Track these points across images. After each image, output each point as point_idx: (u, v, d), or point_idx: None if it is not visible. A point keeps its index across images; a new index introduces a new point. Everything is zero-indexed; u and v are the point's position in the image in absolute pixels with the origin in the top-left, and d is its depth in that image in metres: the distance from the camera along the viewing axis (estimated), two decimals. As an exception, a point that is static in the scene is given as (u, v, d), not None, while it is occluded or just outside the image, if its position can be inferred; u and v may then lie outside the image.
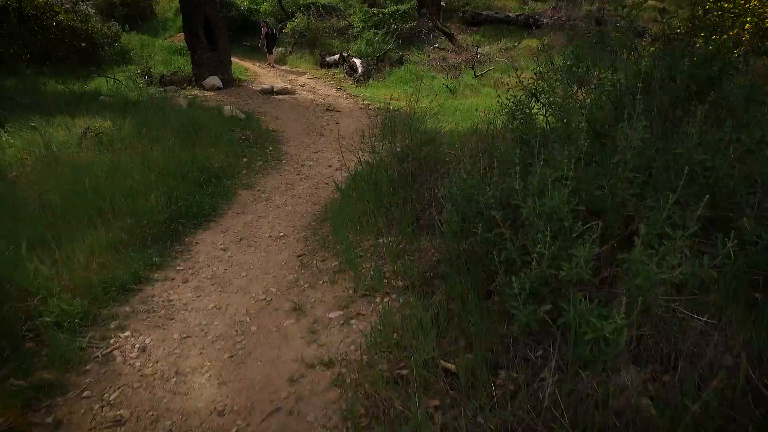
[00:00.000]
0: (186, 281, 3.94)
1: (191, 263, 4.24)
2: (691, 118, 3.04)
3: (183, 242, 4.60)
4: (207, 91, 12.39)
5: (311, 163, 7.10)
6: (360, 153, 5.34)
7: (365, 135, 8.85)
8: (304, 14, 18.15)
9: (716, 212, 2.81)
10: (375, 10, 18.87)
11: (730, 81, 3.02)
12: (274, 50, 16.88)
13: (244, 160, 6.97)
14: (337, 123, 9.58)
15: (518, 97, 3.90)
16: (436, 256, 3.87)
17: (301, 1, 19.94)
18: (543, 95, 3.96)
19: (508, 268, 2.86)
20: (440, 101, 11.43)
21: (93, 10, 20.53)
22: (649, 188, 2.92)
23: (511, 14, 19.28)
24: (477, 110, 9.22)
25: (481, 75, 13.25)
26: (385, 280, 3.57)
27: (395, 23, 17.73)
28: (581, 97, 3.74)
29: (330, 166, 6.89)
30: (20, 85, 11.15)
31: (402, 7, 18.81)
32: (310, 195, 5.86)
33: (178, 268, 4.14)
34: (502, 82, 13.01)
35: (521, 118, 3.86)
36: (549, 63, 4.04)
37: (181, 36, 15.97)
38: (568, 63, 3.77)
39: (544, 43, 5.32)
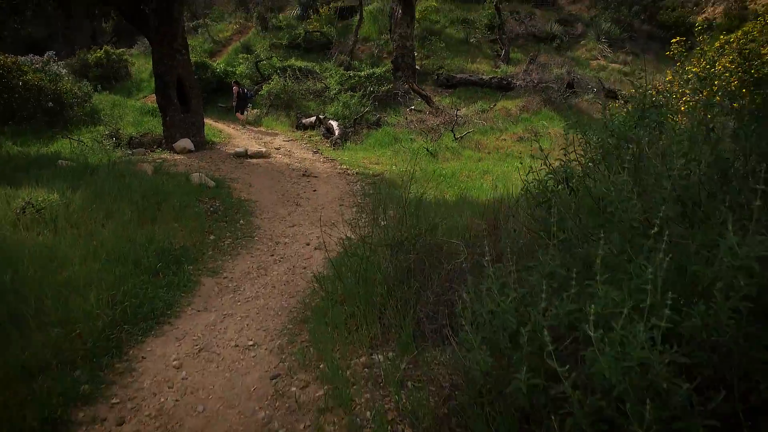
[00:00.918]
0: (121, 423, 2.88)
1: (132, 390, 3.18)
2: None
3: (125, 357, 3.54)
4: (177, 154, 11.48)
5: (287, 240, 6.16)
6: (343, 231, 4.44)
7: (345, 204, 8.02)
8: (280, 77, 17.61)
9: None
10: (351, 73, 18.50)
11: None
12: (247, 110, 16.25)
13: (212, 237, 6.00)
14: (315, 190, 8.72)
15: (547, 183, 3.05)
16: (449, 379, 2.93)
17: (278, 64, 19.47)
18: (575, 181, 3.13)
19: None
20: (421, 165, 10.75)
21: (65, 70, 19.74)
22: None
23: (484, 77, 19.14)
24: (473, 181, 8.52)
25: (461, 137, 12.70)
26: (388, 426, 2.60)
27: (371, 86, 17.32)
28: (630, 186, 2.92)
29: (308, 244, 5.95)
30: (-29, 147, 10.07)
31: (378, 71, 18.49)
32: (287, 283, 4.88)
33: (113, 400, 3.07)
34: (483, 145, 12.48)
35: (552, 208, 3.02)
36: (584, 141, 3.20)
37: (155, 97, 15.17)
38: (611, 141, 2.95)
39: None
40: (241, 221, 6.75)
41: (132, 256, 4.77)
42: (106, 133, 12.98)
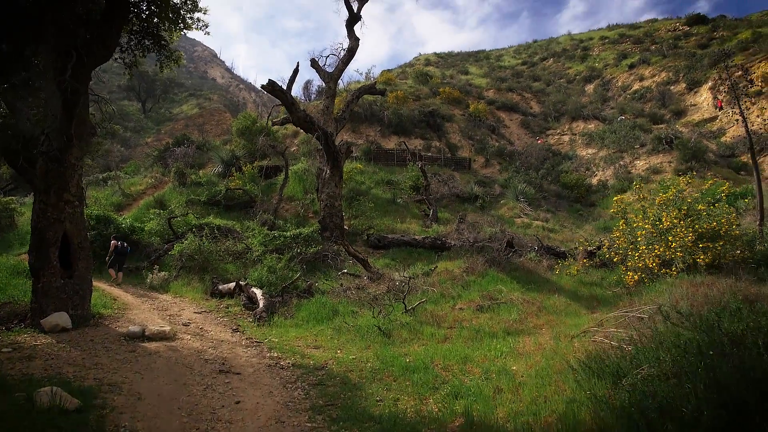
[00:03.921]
0: None
1: None
2: None
3: None
4: (45, 334, 7.99)
5: None
6: None
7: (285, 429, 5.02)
8: (195, 235, 14.72)
9: None
10: (276, 233, 16.12)
11: None
12: (157, 271, 13.21)
13: None
14: (238, 402, 5.66)
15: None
16: None
17: (194, 222, 16.74)
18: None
19: None
20: (375, 349, 8.06)
21: (-72, 221, 15.77)
22: None
23: (417, 237, 17.57)
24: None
25: (413, 309, 10.25)
26: None
27: (298, 247, 14.93)
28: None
29: None
30: None
31: (305, 230, 16.32)
32: None
33: None
34: (440, 318, 10.09)
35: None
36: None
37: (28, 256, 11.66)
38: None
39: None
40: (108, 498, 3.56)
41: None
42: (-50, 302, 9.22)
